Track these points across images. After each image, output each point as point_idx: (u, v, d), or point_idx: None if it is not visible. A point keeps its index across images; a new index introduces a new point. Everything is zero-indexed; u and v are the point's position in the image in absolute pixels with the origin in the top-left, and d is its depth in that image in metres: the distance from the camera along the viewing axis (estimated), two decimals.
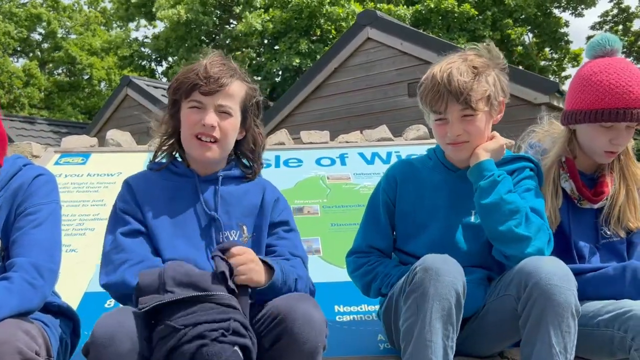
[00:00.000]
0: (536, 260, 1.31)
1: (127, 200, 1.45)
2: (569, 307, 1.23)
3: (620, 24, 16.99)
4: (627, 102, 1.47)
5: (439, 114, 1.48)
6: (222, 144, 1.45)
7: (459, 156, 1.54)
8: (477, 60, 1.49)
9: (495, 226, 1.40)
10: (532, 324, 1.26)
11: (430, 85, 1.47)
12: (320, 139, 3.28)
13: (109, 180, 2.67)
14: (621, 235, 1.61)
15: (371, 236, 1.63)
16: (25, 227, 1.31)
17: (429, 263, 1.29)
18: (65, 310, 1.45)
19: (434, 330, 1.23)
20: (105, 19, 20.51)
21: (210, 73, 1.42)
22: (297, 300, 1.22)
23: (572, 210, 1.60)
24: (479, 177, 1.46)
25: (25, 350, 1.09)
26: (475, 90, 1.44)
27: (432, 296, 1.25)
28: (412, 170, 1.63)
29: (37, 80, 18.48)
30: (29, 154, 2.95)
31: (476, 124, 1.48)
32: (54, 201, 1.39)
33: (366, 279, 1.59)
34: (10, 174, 1.37)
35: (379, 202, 1.64)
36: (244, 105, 1.49)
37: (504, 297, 1.36)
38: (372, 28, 7.00)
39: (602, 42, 1.56)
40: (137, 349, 1.11)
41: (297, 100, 7.62)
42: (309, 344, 1.16)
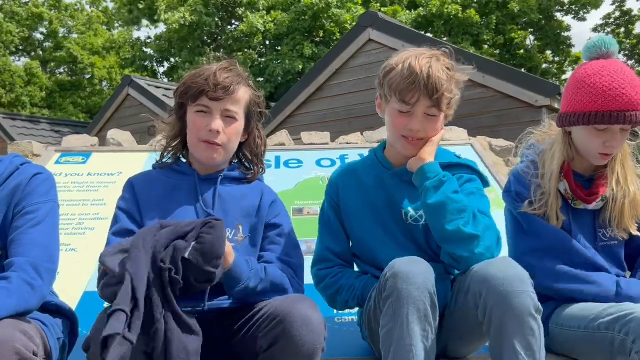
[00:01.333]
0: (486, 266, 1.28)
1: (126, 199, 1.49)
2: (527, 310, 1.20)
3: (622, 27, 17.00)
4: (620, 104, 1.47)
5: (406, 105, 1.46)
6: (227, 148, 1.50)
7: (408, 151, 1.52)
8: (447, 62, 1.50)
9: (443, 225, 1.39)
10: (494, 332, 1.24)
11: (406, 74, 1.45)
12: (320, 140, 3.28)
13: (109, 180, 2.67)
14: (621, 238, 1.61)
15: (327, 241, 1.63)
16: (23, 227, 1.31)
17: (397, 268, 1.28)
18: (63, 310, 1.45)
19: (413, 334, 1.22)
20: (107, 18, 20.54)
21: (220, 80, 1.45)
22: (295, 301, 1.22)
23: (572, 212, 1.60)
24: (424, 179, 1.45)
25: (23, 350, 1.09)
26: (448, 91, 1.45)
27: (406, 300, 1.24)
28: (352, 173, 1.64)
29: (38, 80, 18.51)
30: (30, 153, 2.95)
31: (436, 124, 1.49)
32: (52, 200, 1.39)
33: (330, 292, 1.58)
34: (7, 173, 1.37)
35: (327, 207, 1.65)
36: (249, 109, 1.53)
37: (464, 309, 1.35)
38: (374, 30, 7.00)
39: (599, 44, 1.57)
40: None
41: (298, 101, 7.62)
42: (307, 346, 1.16)
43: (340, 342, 1.72)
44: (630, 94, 1.47)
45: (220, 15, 13.72)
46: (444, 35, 12.67)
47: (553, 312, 1.55)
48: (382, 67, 1.55)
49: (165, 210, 1.45)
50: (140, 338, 1.11)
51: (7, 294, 1.19)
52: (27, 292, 1.23)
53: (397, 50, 1.64)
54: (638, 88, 1.49)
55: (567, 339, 1.49)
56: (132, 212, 1.46)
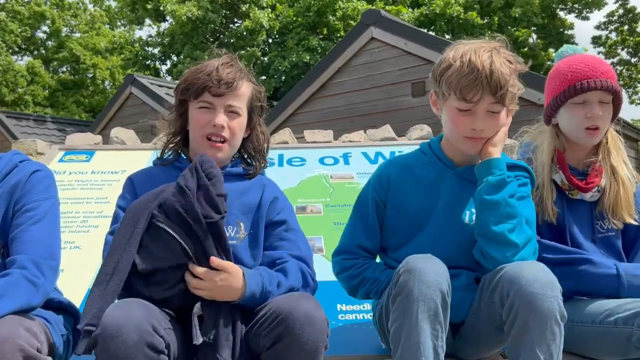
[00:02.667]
0: (518, 266, 1.28)
1: (125, 197, 1.48)
2: (552, 315, 1.20)
3: (625, 25, 16.93)
4: (588, 73, 1.57)
5: (468, 103, 1.39)
6: (231, 143, 1.49)
7: (473, 151, 1.46)
8: (508, 53, 1.42)
9: (489, 224, 1.38)
10: (515, 332, 1.24)
11: (466, 71, 1.36)
12: (323, 138, 3.28)
13: (112, 178, 2.68)
14: (617, 227, 1.63)
15: (359, 236, 1.58)
16: (24, 224, 1.31)
17: (412, 264, 1.27)
18: (67, 307, 1.46)
19: (422, 331, 1.22)
20: (110, 17, 20.56)
21: (222, 75, 1.44)
22: (298, 299, 1.22)
23: (567, 204, 1.62)
24: (487, 173, 1.42)
25: (26, 347, 1.09)
26: (512, 86, 1.38)
27: (417, 297, 1.23)
28: (406, 169, 1.56)
29: (41, 79, 18.54)
30: (33, 152, 2.96)
31: (499, 120, 1.42)
32: (52, 197, 1.39)
33: (353, 283, 1.56)
34: (6, 170, 1.37)
35: (369, 201, 1.58)
36: (251, 104, 1.52)
37: (490, 305, 1.34)
38: (377, 28, 6.99)
39: (564, 49, 1.72)
40: (145, 340, 1.11)
41: (300, 100, 7.62)
42: (310, 344, 1.15)
43: (344, 339, 1.72)
44: (599, 66, 1.58)
45: (224, 12, 13.71)
46: (447, 34, 12.64)
47: None
48: (437, 61, 1.47)
49: None
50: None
51: (10, 290, 1.20)
52: (30, 289, 1.23)
53: (400, 49, 1.61)
54: (606, 64, 1.61)
55: (578, 334, 1.49)
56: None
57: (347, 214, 2.45)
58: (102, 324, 1.13)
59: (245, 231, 1.46)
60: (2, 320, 1.12)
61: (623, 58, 17.37)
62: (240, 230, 1.45)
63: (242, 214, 1.47)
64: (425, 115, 6.38)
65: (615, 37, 17.35)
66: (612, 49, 17.24)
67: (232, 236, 1.43)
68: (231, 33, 14.06)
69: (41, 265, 1.27)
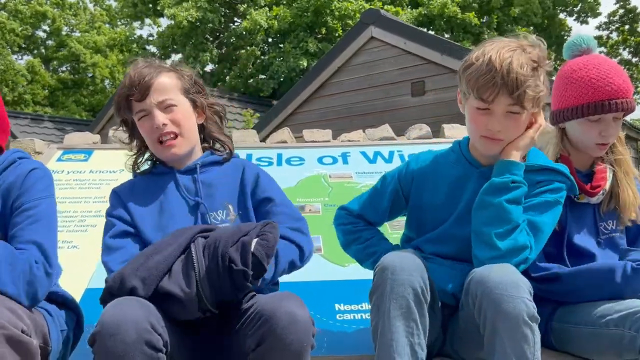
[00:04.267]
0: (486, 269, 1.28)
1: (115, 206, 1.50)
2: (520, 316, 1.18)
3: (626, 24, 16.95)
4: (609, 93, 1.51)
5: (485, 102, 1.38)
6: (184, 134, 1.48)
7: (489, 151, 1.45)
8: (535, 53, 1.38)
9: (479, 222, 1.38)
10: (488, 334, 1.23)
11: (484, 70, 1.35)
12: (322, 138, 3.28)
13: (111, 177, 2.67)
14: (623, 226, 1.62)
15: (367, 209, 1.64)
16: (22, 223, 1.31)
17: (387, 262, 1.28)
18: (70, 303, 1.46)
19: (395, 328, 1.22)
20: (110, 16, 20.55)
21: (135, 79, 1.45)
22: (281, 299, 1.20)
23: (571, 208, 1.61)
24: (497, 174, 1.41)
25: (7, 325, 1.08)
26: (531, 88, 1.35)
27: (388, 295, 1.24)
28: (433, 166, 1.58)
29: (41, 78, 18.54)
30: (31, 151, 2.95)
31: (519, 122, 1.40)
32: (50, 195, 1.39)
33: (349, 237, 1.63)
34: (4, 166, 1.37)
35: (389, 187, 1.62)
36: (184, 89, 1.51)
37: (465, 308, 1.34)
38: (376, 27, 6.99)
39: (578, 41, 1.62)
40: (144, 338, 1.11)
41: (300, 99, 7.62)
42: (294, 345, 1.14)
43: (341, 339, 1.72)
44: (618, 82, 1.51)
45: (222, 12, 13.70)
46: (446, 33, 12.64)
47: (556, 310, 1.55)
48: (462, 60, 1.46)
49: (157, 210, 1.47)
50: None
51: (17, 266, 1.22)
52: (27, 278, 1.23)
53: (399, 48, 1.62)
54: (624, 76, 1.54)
55: (572, 336, 1.49)
56: (125, 218, 1.46)
57: None
58: (100, 322, 1.12)
59: (235, 212, 1.48)
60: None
61: (624, 58, 17.39)
62: (230, 212, 1.47)
63: (229, 197, 1.49)
64: (424, 114, 6.37)
65: (617, 37, 17.36)
66: (614, 49, 17.25)
67: (224, 219, 1.46)
68: (230, 33, 14.05)
69: (39, 265, 1.26)
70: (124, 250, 1.41)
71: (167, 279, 1.23)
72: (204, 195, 1.48)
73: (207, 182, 1.50)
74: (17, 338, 1.10)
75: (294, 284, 1.96)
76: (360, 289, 1.79)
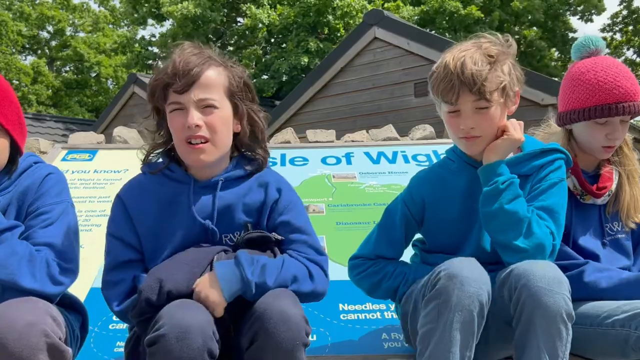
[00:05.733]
0: (529, 263, 1.28)
1: (118, 222, 1.36)
2: (558, 311, 1.19)
3: (630, 25, 16.90)
4: (617, 96, 1.51)
5: (451, 105, 1.41)
6: (215, 143, 1.31)
7: (472, 151, 1.47)
8: (492, 48, 1.41)
9: (495, 234, 1.38)
10: (522, 327, 1.23)
11: (442, 74, 1.40)
12: (326, 138, 3.28)
13: (115, 177, 2.68)
14: (628, 228, 1.62)
15: (382, 247, 1.57)
16: (36, 226, 1.32)
17: (455, 270, 1.24)
18: (76, 305, 1.47)
19: (454, 340, 1.21)
20: (114, 18, 20.60)
21: (179, 67, 1.26)
22: (273, 298, 1.18)
23: (576, 209, 1.60)
24: (484, 181, 1.42)
25: (51, 334, 1.10)
26: (489, 81, 1.36)
27: (454, 306, 1.21)
28: (439, 182, 1.54)
29: (45, 78, 18.60)
30: (36, 150, 2.97)
31: (490, 116, 1.41)
32: (65, 200, 1.39)
33: (374, 280, 1.55)
34: (20, 170, 1.38)
35: (398, 215, 1.56)
36: (230, 92, 1.33)
37: (499, 299, 1.33)
38: (379, 28, 6.98)
39: (586, 42, 1.62)
40: (207, 345, 1.09)
41: (303, 99, 7.62)
42: (285, 343, 1.12)
43: (346, 339, 1.72)
44: (625, 85, 1.52)
45: (224, 12, 13.72)
46: (447, 33, 12.59)
47: None
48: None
49: (161, 226, 1.34)
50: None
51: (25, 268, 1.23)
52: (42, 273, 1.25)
53: (402, 49, 1.62)
54: (632, 79, 1.54)
55: (576, 336, 1.48)
56: (126, 237, 1.34)
57: (349, 213, 2.46)
58: (166, 324, 1.09)
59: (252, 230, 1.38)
60: (31, 306, 1.13)
61: (628, 58, 17.34)
62: (247, 230, 1.37)
63: (248, 216, 1.37)
64: (427, 115, 6.36)
65: (621, 38, 17.32)
66: (618, 50, 17.20)
67: (240, 239, 1.35)
68: (233, 32, 14.07)
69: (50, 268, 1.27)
70: (125, 284, 1.32)
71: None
72: (220, 215, 1.34)
73: (225, 202, 1.35)
74: (58, 346, 1.12)
75: None
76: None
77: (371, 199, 2.55)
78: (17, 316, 1.08)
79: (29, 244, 1.27)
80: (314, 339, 1.70)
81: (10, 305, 1.11)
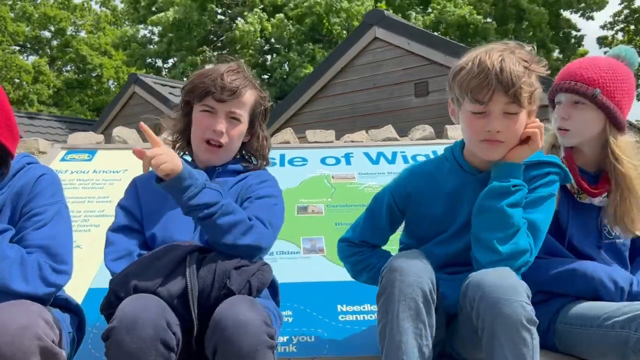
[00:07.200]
0: (483, 272, 1.27)
1: (128, 196, 1.56)
2: (518, 319, 1.17)
3: (631, 24, 16.89)
4: (565, 75, 1.61)
5: (481, 105, 1.34)
6: (227, 149, 1.56)
7: (490, 157, 1.40)
8: (524, 53, 1.37)
9: (481, 227, 1.37)
10: (486, 338, 1.23)
11: (476, 71, 1.33)
12: (325, 138, 3.28)
13: (114, 177, 2.68)
14: (628, 235, 1.61)
15: (366, 233, 1.60)
16: (29, 228, 1.32)
17: (395, 263, 1.28)
18: (72, 306, 1.47)
19: (403, 330, 1.22)
20: (116, 17, 20.60)
21: (226, 82, 1.50)
22: (229, 306, 1.20)
23: (574, 209, 1.60)
24: (497, 176, 1.39)
25: (44, 337, 1.10)
26: (526, 84, 1.32)
27: (397, 297, 1.24)
28: (428, 178, 1.54)
29: (46, 78, 18.61)
30: (35, 150, 2.97)
31: (518, 122, 1.36)
32: (59, 202, 1.40)
33: (357, 267, 1.61)
34: (14, 171, 1.38)
35: (384, 204, 1.58)
36: (253, 111, 1.59)
37: (463, 311, 1.33)
38: (380, 28, 6.98)
39: (618, 52, 1.67)
40: (160, 336, 1.11)
41: (303, 100, 7.61)
42: (245, 348, 1.13)
43: (344, 340, 1.72)
44: (575, 66, 1.61)
45: (219, 19, 13.74)
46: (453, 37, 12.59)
47: (559, 311, 1.55)
48: (450, 70, 1.45)
49: (166, 205, 1.49)
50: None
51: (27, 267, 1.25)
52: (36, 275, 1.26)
53: (403, 49, 1.61)
54: (589, 68, 1.57)
55: (576, 337, 1.48)
56: (132, 209, 1.52)
57: (349, 214, 2.46)
58: (117, 317, 1.12)
59: None
60: (24, 309, 1.13)
61: None
62: None
63: (235, 201, 1.51)
64: (427, 115, 6.36)
65: (622, 37, 17.30)
66: None
67: None
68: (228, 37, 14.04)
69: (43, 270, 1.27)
70: (118, 245, 1.46)
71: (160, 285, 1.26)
72: None
73: (220, 183, 1.51)
74: (51, 350, 1.12)
75: (296, 285, 1.97)
76: (362, 290, 1.79)
77: (376, 198, 2.53)
78: (9, 319, 1.07)
79: (20, 248, 1.27)
80: (312, 340, 1.70)
81: (3, 308, 1.11)
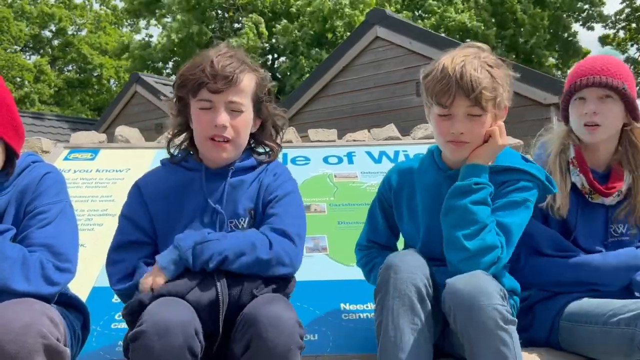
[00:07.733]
0: (455, 279, 1.28)
1: (131, 204, 1.45)
2: (493, 323, 1.19)
3: (633, 23, 16.87)
4: (589, 71, 1.60)
5: (444, 108, 1.41)
6: (236, 143, 1.41)
7: (457, 156, 1.47)
8: (491, 58, 1.43)
9: (448, 226, 1.38)
10: (466, 342, 1.24)
11: (439, 76, 1.40)
12: (327, 137, 3.28)
13: (117, 176, 2.68)
14: (634, 232, 1.61)
15: (369, 233, 1.70)
16: (33, 226, 1.32)
17: (389, 261, 1.33)
18: (76, 303, 1.47)
19: (399, 326, 1.25)
20: (116, 17, 20.61)
21: (218, 69, 1.33)
22: (265, 302, 1.19)
23: (582, 208, 1.60)
24: (461, 178, 1.42)
25: (48, 335, 1.10)
26: (486, 89, 1.38)
27: (392, 294, 1.28)
28: (406, 173, 1.61)
29: (47, 77, 18.63)
30: (38, 149, 2.97)
31: (481, 124, 1.41)
32: (63, 200, 1.40)
33: (366, 269, 1.67)
34: (19, 170, 1.39)
35: (376, 203, 1.68)
36: (256, 97, 1.43)
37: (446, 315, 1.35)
38: (381, 27, 6.98)
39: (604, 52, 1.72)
40: (188, 343, 1.10)
41: (305, 99, 7.62)
42: (279, 347, 1.13)
43: (347, 338, 1.72)
44: (600, 64, 1.60)
45: (219, 26, 13.78)
46: None
47: (563, 308, 1.55)
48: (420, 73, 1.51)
49: (174, 211, 1.42)
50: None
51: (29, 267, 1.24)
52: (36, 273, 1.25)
53: (404, 48, 1.63)
54: (610, 64, 1.59)
55: (580, 334, 1.48)
56: (138, 219, 1.42)
57: (351, 213, 2.46)
58: (147, 320, 1.11)
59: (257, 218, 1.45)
60: (28, 307, 1.13)
61: (631, 55, 17.30)
62: (252, 220, 1.44)
63: (252, 202, 1.44)
64: None
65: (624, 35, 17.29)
66: (621, 47, 17.16)
67: (245, 227, 1.41)
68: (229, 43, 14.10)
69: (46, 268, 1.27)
70: (126, 263, 1.39)
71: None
72: (228, 200, 1.41)
73: (235, 184, 1.43)
74: (55, 348, 1.12)
75: (299, 283, 1.97)
76: (366, 289, 1.79)
77: (372, 199, 2.54)
78: (13, 318, 1.08)
79: (22, 247, 1.27)
80: (316, 339, 1.71)
81: (7, 306, 1.11)
